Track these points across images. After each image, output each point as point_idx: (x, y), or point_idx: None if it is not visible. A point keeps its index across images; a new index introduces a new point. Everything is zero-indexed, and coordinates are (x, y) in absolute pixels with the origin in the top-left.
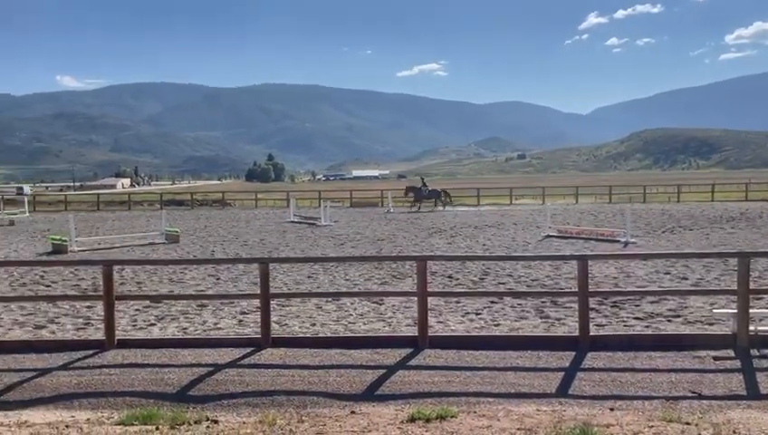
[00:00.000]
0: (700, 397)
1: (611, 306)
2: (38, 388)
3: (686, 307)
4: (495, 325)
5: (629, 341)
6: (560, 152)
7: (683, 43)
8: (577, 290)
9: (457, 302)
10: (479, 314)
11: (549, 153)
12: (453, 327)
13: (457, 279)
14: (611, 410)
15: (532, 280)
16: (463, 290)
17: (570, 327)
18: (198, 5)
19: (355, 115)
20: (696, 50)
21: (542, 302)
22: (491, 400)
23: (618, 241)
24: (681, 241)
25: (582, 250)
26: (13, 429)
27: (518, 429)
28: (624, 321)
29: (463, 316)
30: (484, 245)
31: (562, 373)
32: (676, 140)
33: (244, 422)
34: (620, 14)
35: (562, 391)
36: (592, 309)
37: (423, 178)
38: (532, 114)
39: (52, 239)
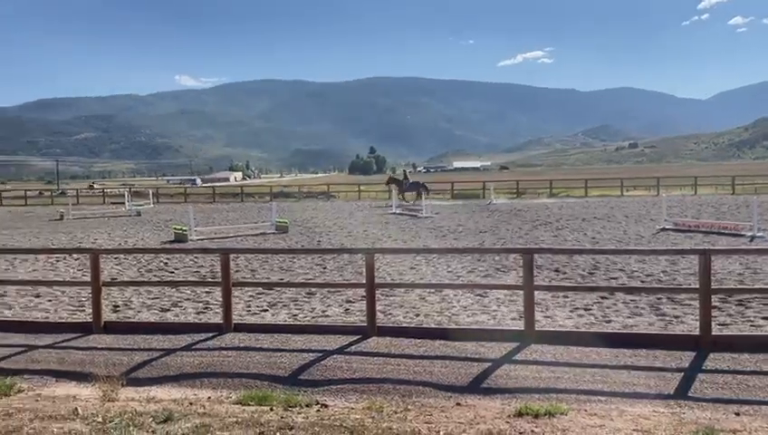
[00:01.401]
0: None
1: (736, 305)
2: (164, 367)
3: None
4: (607, 322)
5: (757, 342)
6: (676, 140)
7: None
8: (698, 287)
9: (565, 296)
10: (589, 309)
11: (663, 141)
12: (561, 322)
13: (565, 273)
14: (737, 414)
15: (647, 275)
16: (571, 284)
17: (689, 326)
18: (305, 5)
19: (456, 106)
20: None
21: (658, 298)
22: (603, 398)
23: (742, 235)
24: None
25: (702, 244)
26: (143, 403)
27: (634, 430)
28: (750, 320)
29: (571, 311)
30: (593, 238)
31: (681, 374)
32: None
33: (352, 408)
34: None
35: (682, 393)
36: (714, 307)
37: (405, 172)
38: (644, 100)
39: (175, 229)
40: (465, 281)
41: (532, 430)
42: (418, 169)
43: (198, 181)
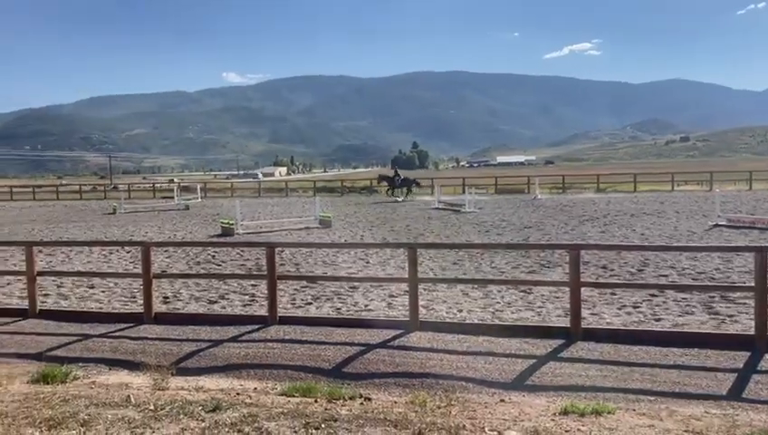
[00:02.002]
0: None
1: None
2: (212, 357)
3: None
4: (656, 320)
5: None
6: (729, 133)
7: None
8: (753, 285)
9: (613, 294)
10: (637, 307)
11: (716, 135)
12: (608, 320)
13: (612, 270)
14: None
15: (699, 273)
16: (619, 281)
17: (743, 325)
18: (348, 2)
19: (500, 100)
20: None
21: (711, 297)
22: (651, 398)
23: None
24: None
25: (758, 241)
26: (192, 392)
27: (684, 431)
28: None
29: (619, 309)
30: (642, 234)
31: (735, 375)
32: None
33: (395, 402)
34: None
35: (735, 394)
36: None
37: (396, 169)
38: (695, 93)
39: (222, 222)
40: (510, 277)
41: (579, 429)
42: (462, 163)
43: (260, 175)
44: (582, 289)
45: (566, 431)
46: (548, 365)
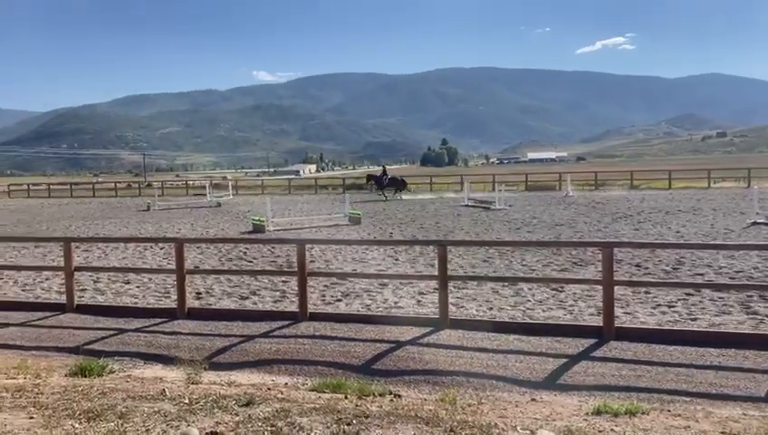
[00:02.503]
0: None
1: None
2: (243, 352)
3: None
4: (692, 320)
5: None
6: None
7: None
8: None
9: (647, 292)
10: (672, 306)
11: (755, 130)
12: (642, 319)
13: (647, 268)
14: None
15: (736, 272)
16: (653, 280)
17: None
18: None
19: (531, 96)
20: None
21: (749, 296)
22: (687, 399)
23: None
24: None
25: None
26: (225, 387)
27: (721, 432)
28: None
29: (653, 308)
30: (677, 232)
31: None
32: None
33: (425, 399)
34: None
35: None
36: None
37: (384, 167)
38: (733, 87)
39: (253, 219)
40: (541, 275)
41: (612, 429)
42: (491, 160)
43: (302, 172)
44: (615, 288)
45: (599, 431)
46: (580, 364)
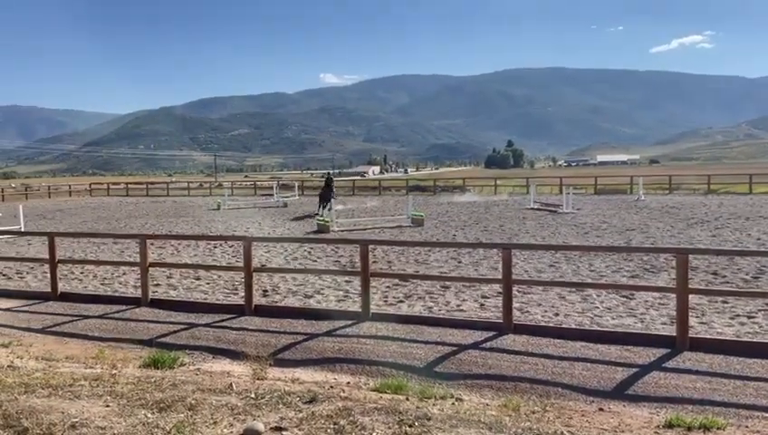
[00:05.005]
0: None
1: None
2: (307, 350)
3: None
4: None
5: None
6: None
7: None
8: None
9: (724, 302)
10: (752, 317)
11: None
12: (719, 330)
13: (724, 277)
14: None
15: None
16: (732, 289)
17: None
18: (441, 2)
19: (602, 97)
20: None
21: None
22: (767, 415)
23: None
24: None
25: None
26: (289, 383)
27: None
28: None
29: (731, 319)
30: (758, 239)
31: None
32: None
33: (487, 404)
34: None
35: None
36: None
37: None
38: None
39: (318, 220)
40: (610, 281)
41: None
42: (559, 162)
43: (408, 171)
44: (690, 296)
45: None
46: (651, 375)
